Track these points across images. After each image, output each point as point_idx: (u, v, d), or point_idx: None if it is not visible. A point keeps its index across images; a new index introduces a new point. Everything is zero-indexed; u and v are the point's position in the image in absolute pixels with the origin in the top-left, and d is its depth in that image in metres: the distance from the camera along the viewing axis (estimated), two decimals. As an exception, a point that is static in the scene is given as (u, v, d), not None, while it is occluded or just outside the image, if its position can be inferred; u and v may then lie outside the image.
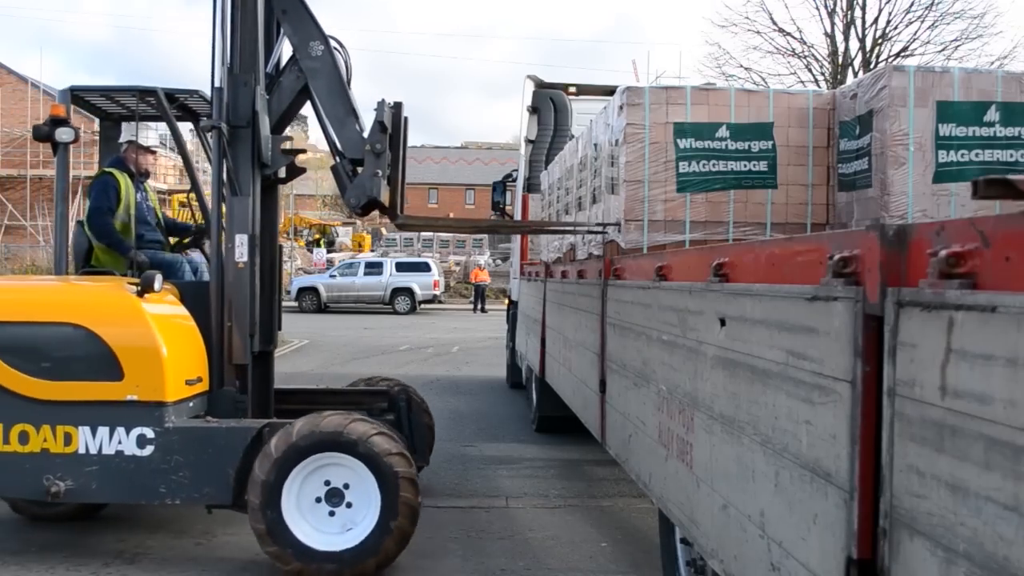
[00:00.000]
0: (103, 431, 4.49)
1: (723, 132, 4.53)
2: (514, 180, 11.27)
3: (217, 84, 4.90)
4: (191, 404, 4.75)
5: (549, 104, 9.67)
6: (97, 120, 6.32)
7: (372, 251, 41.45)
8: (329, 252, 40.02)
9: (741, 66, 22.22)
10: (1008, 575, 1.27)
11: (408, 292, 27.94)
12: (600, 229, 4.84)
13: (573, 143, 6.27)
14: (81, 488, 4.51)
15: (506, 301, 12.95)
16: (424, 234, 44.88)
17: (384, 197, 4.95)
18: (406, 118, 5.16)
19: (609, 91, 9.93)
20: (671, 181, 4.52)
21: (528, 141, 9.84)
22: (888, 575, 1.62)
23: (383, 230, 49.96)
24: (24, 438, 4.49)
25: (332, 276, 28.84)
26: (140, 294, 4.65)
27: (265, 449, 4.41)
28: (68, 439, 4.49)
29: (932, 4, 20.94)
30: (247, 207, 4.88)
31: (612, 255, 4.64)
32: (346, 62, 5.09)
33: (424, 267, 28.88)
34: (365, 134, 4.91)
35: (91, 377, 4.50)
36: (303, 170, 5.22)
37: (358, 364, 14.36)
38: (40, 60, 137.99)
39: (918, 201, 4.02)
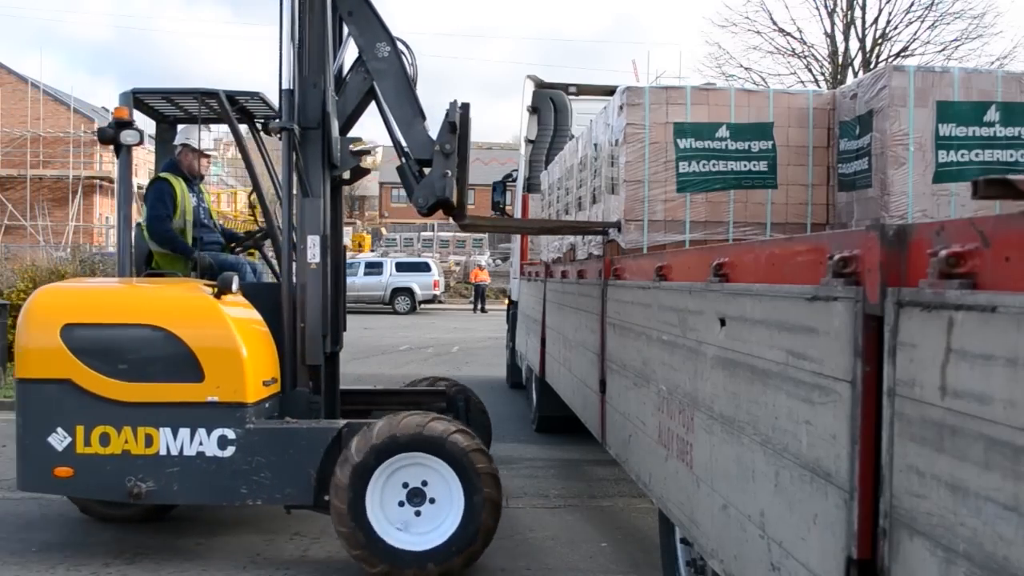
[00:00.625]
0: (184, 432, 4.51)
1: (723, 132, 4.53)
2: (514, 180, 11.27)
3: (286, 86, 4.87)
4: (267, 405, 4.78)
5: (549, 104, 9.67)
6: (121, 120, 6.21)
7: (372, 251, 41.45)
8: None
9: (741, 66, 22.23)
10: (1008, 575, 1.27)
11: (408, 292, 27.95)
12: (602, 230, 4.84)
13: (573, 143, 6.27)
14: (162, 489, 4.53)
15: (506, 301, 12.95)
16: (424, 234, 44.92)
17: (454, 197, 4.95)
18: (470, 118, 5.16)
19: (609, 91, 9.93)
20: (671, 181, 4.52)
21: (528, 141, 9.84)
22: (888, 575, 1.62)
23: (383, 230, 49.97)
24: (105, 440, 4.50)
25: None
26: (218, 296, 4.69)
27: (346, 452, 4.40)
28: (149, 440, 4.51)
29: (932, 4, 20.96)
30: (318, 208, 4.87)
31: (612, 255, 4.64)
32: (412, 63, 5.07)
33: (424, 267, 28.89)
34: (432, 135, 4.91)
35: (172, 379, 4.52)
36: (367, 171, 5.22)
37: (358, 364, 14.36)
38: (40, 60, 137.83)
39: (918, 201, 4.02)
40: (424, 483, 4.45)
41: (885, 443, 1.64)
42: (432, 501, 4.45)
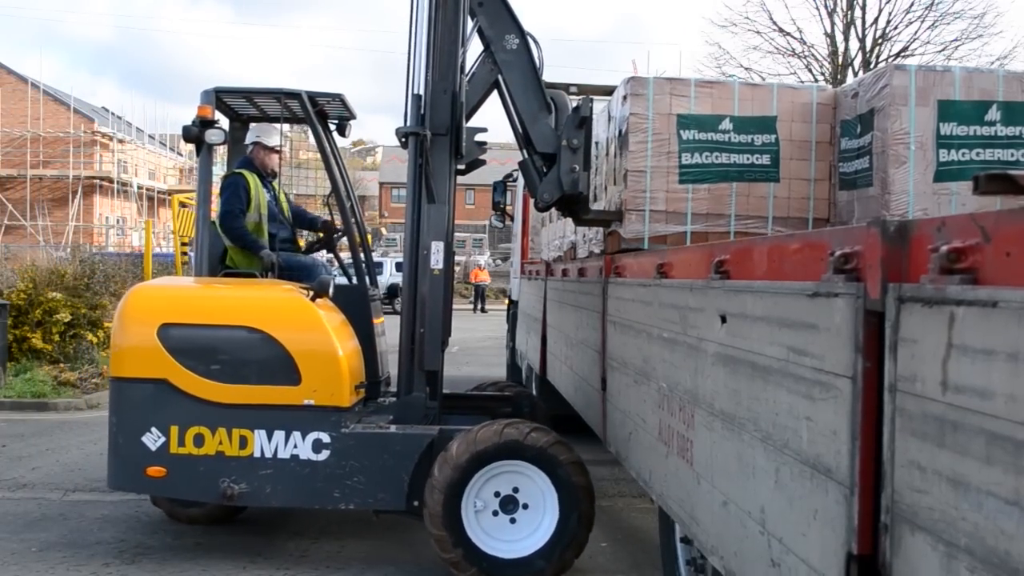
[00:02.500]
0: (279, 435, 4.50)
1: (726, 125, 4.51)
2: (514, 180, 11.27)
3: (417, 91, 4.83)
4: (356, 409, 4.78)
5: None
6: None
7: (372, 251, 41.40)
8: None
9: (741, 66, 22.22)
10: (1009, 569, 1.27)
11: (408, 292, 27.91)
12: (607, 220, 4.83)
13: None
14: (255, 491, 4.52)
15: (506, 301, 12.95)
16: (424, 234, 44.77)
17: (587, 192, 4.90)
18: (588, 118, 5.12)
19: (609, 91, 9.94)
20: (673, 172, 4.50)
21: (529, 141, 9.82)
22: (889, 571, 1.61)
23: (383, 230, 49.96)
24: (199, 440, 4.50)
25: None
26: (314, 299, 4.69)
27: (445, 455, 4.36)
28: (244, 442, 4.50)
29: (932, 4, 20.95)
30: (443, 215, 4.81)
31: (613, 250, 4.65)
32: (539, 56, 5.02)
33: (424, 267, 28.84)
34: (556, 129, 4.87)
35: (268, 381, 4.51)
36: (483, 162, 5.16)
37: (358, 364, 14.36)
38: (40, 60, 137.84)
39: (919, 200, 4.02)
40: (516, 489, 4.43)
41: (886, 439, 1.64)
42: (526, 509, 4.43)
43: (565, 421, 7.11)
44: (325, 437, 4.50)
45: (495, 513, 4.41)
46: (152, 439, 4.51)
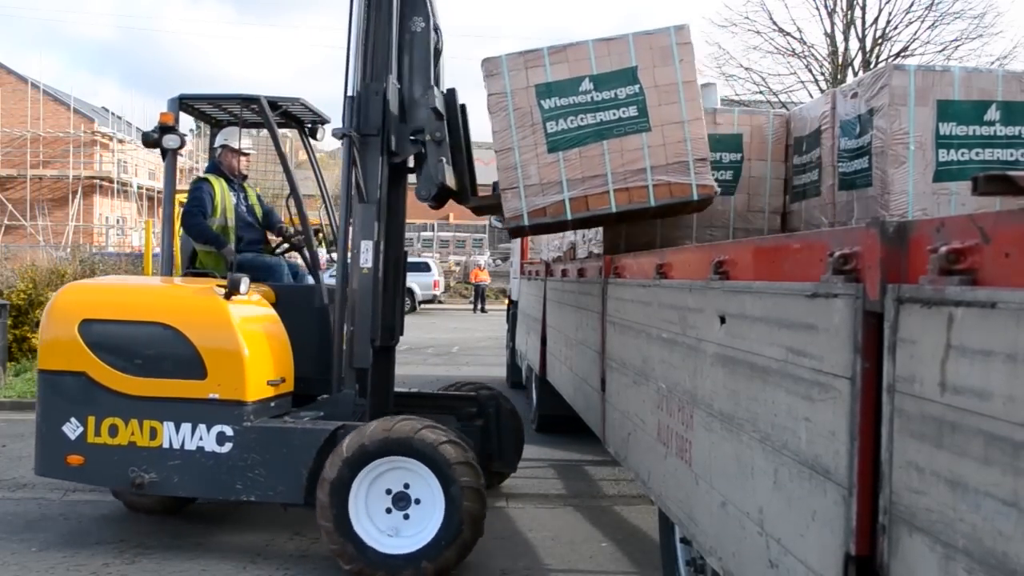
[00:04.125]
0: (186, 427, 4.67)
1: (586, 85, 4.53)
2: (514, 180, 11.25)
3: (350, 93, 4.92)
4: (272, 404, 4.89)
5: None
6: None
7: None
8: (329, 252, 39.97)
9: (741, 66, 22.20)
10: (1007, 571, 1.27)
11: (408, 292, 27.89)
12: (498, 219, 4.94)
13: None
14: (163, 481, 4.70)
15: (506, 301, 12.96)
16: (424, 234, 44.90)
17: (451, 183, 4.96)
18: (463, 105, 5.20)
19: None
20: (541, 143, 4.52)
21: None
22: (887, 572, 1.61)
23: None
24: (114, 431, 4.70)
25: (332, 276, 28.81)
26: (227, 296, 4.79)
27: (336, 449, 4.46)
28: (154, 433, 4.69)
29: (932, 4, 20.93)
30: (373, 214, 4.92)
31: (612, 251, 4.67)
32: (438, 45, 5.11)
33: (424, 267, 28.88)
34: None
35: (177, 375, 4.68)
36: (455, 196, 5.26)
37: (358, 364, 14.35)
38: (40, 60, 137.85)
39: (918, 200, 4.01)
40: (407, 485, 4.49)
41: (884, 439, 1.64)
42: (417, 505, 4.48)
43: (565, 421, 7.13)
44: (228, 430, 4.66)
45: (388, 510, 4.48)
46: (72, 429, 4.73)
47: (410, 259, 30.76)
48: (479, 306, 29.44)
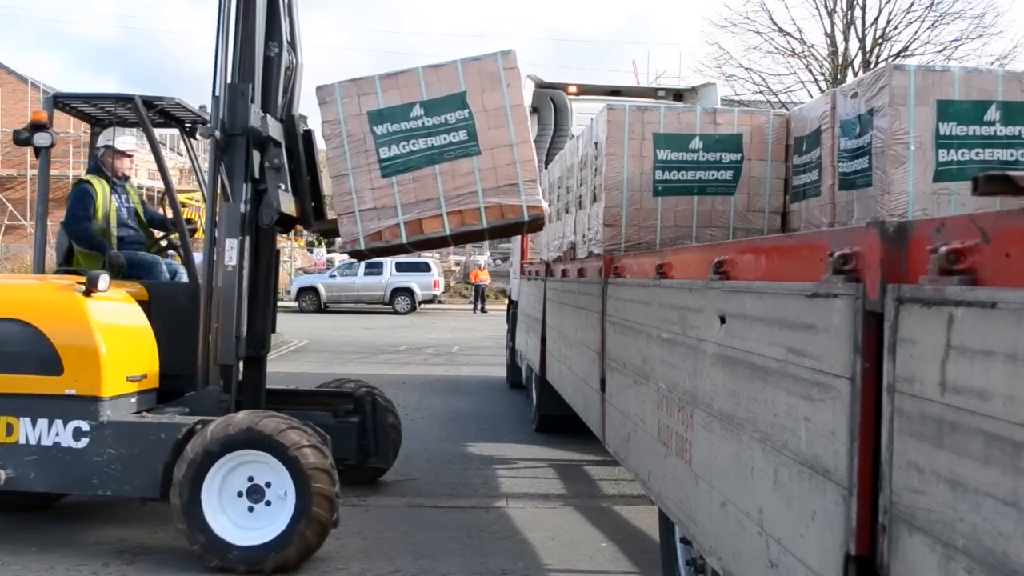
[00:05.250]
0: (43, 423, 4.70)
1: (417, 111, 4.71)
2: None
3: (216, 93, 5.00)
4: (133, 400, 4.92)
5: (549, 104, 9.67)
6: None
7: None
8: (329, 252, 40.01)
9: (741, 66, 22.20)
10: (1007, 571, 1.27)
11: (408, 292, 27.94)
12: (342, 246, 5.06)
13: (574, 142, 6.27)
14: (20, 477, 4.71)
15: (506, 301, 12.96)
16: (424, 234, 44.79)
17: (290, 209, 5.11)
18: (308, 131, 5.32)
19: (610, 91, 9.98)
20: (375, 168, 4.70)
21: (528, 141, 9.83)
22: (887, 572, 1.61)
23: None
24: None
25: (332, 276, 28.85)
26: (86, 293, 4.77)
27: (184, 450, 4.55)
28: (10, 429, 4.71)
29: (932, 4, 20.93)
30: (238, 212, 4.99)
31: (612, 251, 4.68)
32: (291, 68, 5.24)
33: (424, 267, 28.88)
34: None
35: (34, 371, 4.71)
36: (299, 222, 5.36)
37: (359, 364, 14.36)
38: (40, 60, 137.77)
39: (918, 200, 4.01)
40: (268, 484, 4.60)
41: (884, 439, 1.63)
42: (268, 502, 4.59)
43: (565, 421, 7.13)
44: (85, 425, 4.69)
45: (239, 494, 4.58)
46: None
47: (410, 259, 30.98)
48: (479, 306, 29.44)
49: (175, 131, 6.41)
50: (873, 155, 4.09)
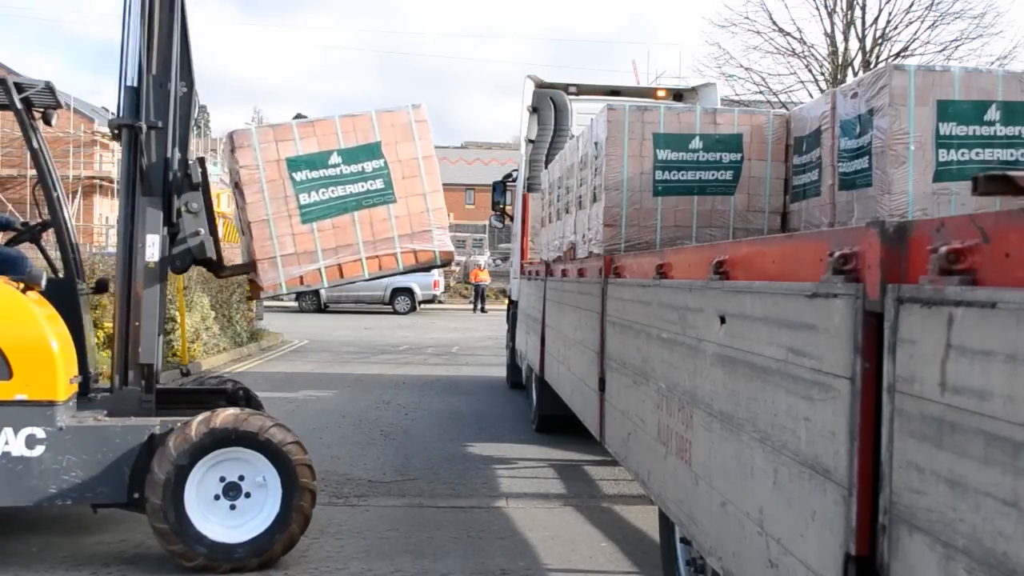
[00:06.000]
0: None
1: (335, 159, 4.92)
2: (514, 180, 11.28)
3: (129, 83, 4.80)
4: (72, 403, 4.76)
5: (549, 104, 9.68)
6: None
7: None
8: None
9: (741, 66, 22.20)
10: (1007, 571, 1.27)
11: (408, 292, 27.93)
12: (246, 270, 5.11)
13: (574, 142, 6.27)
14: None
15: (506, 301, 12.97)
16: (424, 234, 44.88)
17: (212, 253, 4.99)
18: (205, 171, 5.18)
19: (610, 91, 9.99)
20: (295, 214, 4.86)
21: (528, 141, 9.85)
22: (887, 572, 1.61)
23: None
24: None
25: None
26: (24, 291, 4.59)
27: (164, 448, 4.44)
28: None
29: (932, 4, 20.92)
30: (159, 207, 4.83)
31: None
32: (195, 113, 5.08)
33: (424, 267, 28.84)
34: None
35: None
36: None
37: (359, 365, 14.37)
38: (40, 60, 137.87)
39: (918, 200, 4.01)
40: (242, 477, 4.59)
41: (884, 439, 1.64)
42: (248, 496, 4.58)
43: (565, 421, 7.13)
44: (40, 432, 4.40)
45: (216, 496, 4.55)
46: None
47: (410, 259, 30.79)
48: (479, 306, 29.44)
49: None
50: (873, 155, 4.09)
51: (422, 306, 28.69)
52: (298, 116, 5.84)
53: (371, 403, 10.21)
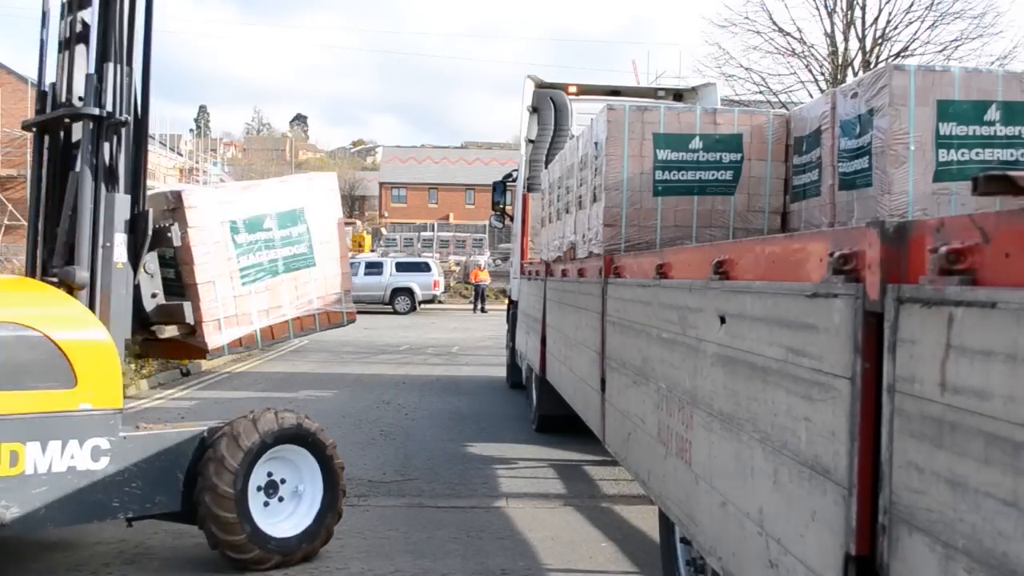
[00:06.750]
0: (54, 446, 3.98)
1: (269, 223, 5.24)
2: (514, 180, 11.28)
3: (91, 70, 4.44)
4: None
5: (549, 104, 9.68)
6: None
7: (372, 251, 41.48)
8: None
9: (741, 66, 22.17)
10: (1007, 571, 1.26)
11: (408, 292, 27.95)
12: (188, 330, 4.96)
13: (574, 142, 6.27)
14: (30, 515, 3.95)
15: (506, 301, 12.97)
16: (424, 234, 44.95)
17: (189, 318, 4.80)
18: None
19: (610, 91, 9.99)
20: (236, 276, 5.16)
21: (528, 141, 9.85)
22: (887, 572, 1.61)
23: (383, 230, 49.96)
24: None
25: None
26: (70, 291, 4.32)
27: (220, 457, 4.42)
28: (14, 458, 3.90)
29: (932, 4, 20.90)
30: (127, 204, 4.55)
31: (612, 251, 4.70)
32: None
33: (424, 267, 28.89)
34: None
35: (42, 385, 3.96)
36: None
37: (359, 365, 14.36)
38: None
39: (918, 200, 4.01)
40: (283, 480, 4.75)
41: (884, 439, 1.63)
42: (295, 494, 4.75)
43: (565, 421, 7.13)
44: (104, 443, 4.11)
45: (265, 504, 4.67)
46: None
47: (410, 259, 30.89)
48: (479, 306, 29.44)
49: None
50: (873, 155, 4.09)
51: (422, 306, 28.69)
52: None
53: (371, 403, 10.21)
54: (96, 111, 4.40)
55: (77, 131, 4.55)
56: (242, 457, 4.46)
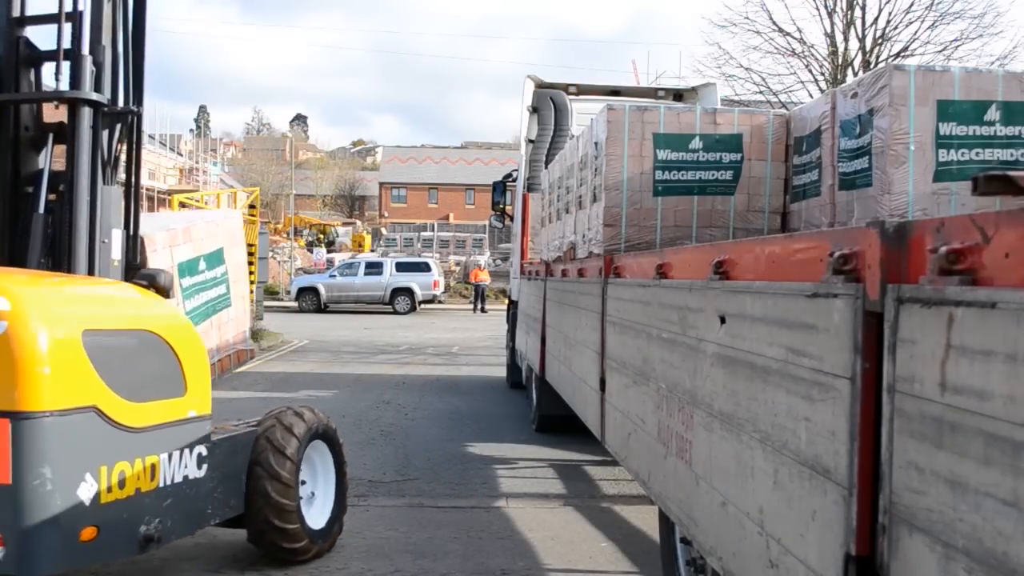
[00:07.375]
0: (176, 456, 3.84)
1: (202, 265, 5.32)
2: (514, 180, 11.29)
3: (85, 51, 4.04)
4: None
5: (549, 104, 9.68)
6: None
7: (372, 251, 41.49)
8: (329, 252, 40.04)
9: (741, 66, 22.17)
10: (1007, 571, 1.27)
11: (408, 292, 27.95)
12: None
13: (574, 142, 6.27)
14: (170, 528, 3.81)
15: (506, 301, 12.98)
16: (424, 234, 44.97)
17: None
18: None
19: (610, 91, 9.99)
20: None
21: (528, 141, 9.86)
22: (887, 572, 1.61)
23: (383, 230, 49.97)
24: (123, 480, 3.54)
25: (332, 276, 28.87)
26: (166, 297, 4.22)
27: (275, 455, 4.46)
28: (153, 472, 3.70)
29: (932, 4, 20.90)
30: (121, 198, 4.33)
31: (612, 251, 4.70)
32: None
33: (424, 267, 28.90)
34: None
35: (164, 395, 3.80)
36: None
37: (358, 364, 14.37)
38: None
39: (918, 200, 4.01)
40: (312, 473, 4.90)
41: (884, 439, 1.64)
42: (315, 484, 4.90)
43: (565, 421, 7.13)
44: (203, 449, 4.01)
45: (312, 493, 4.87)
46: (88, 489, 3.38)
47: (410, 259, 30.90)
48: (479, 306, 29.45)
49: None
50: (873, 155, 4.10)
51: (422, 306, 28.69)
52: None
53: (371, 403, 10.21)
54: (95, 96, 4.04)
55: (51, 115, 4.18)
56: (296, 445, 4.54)
